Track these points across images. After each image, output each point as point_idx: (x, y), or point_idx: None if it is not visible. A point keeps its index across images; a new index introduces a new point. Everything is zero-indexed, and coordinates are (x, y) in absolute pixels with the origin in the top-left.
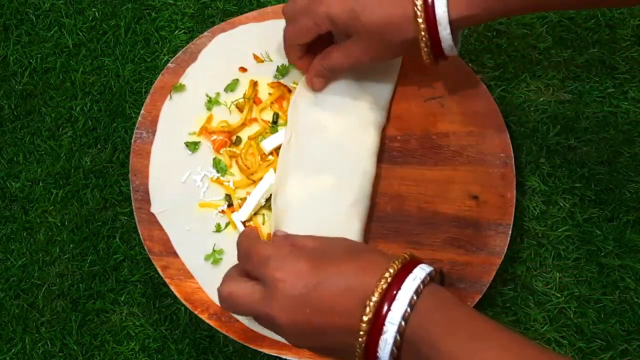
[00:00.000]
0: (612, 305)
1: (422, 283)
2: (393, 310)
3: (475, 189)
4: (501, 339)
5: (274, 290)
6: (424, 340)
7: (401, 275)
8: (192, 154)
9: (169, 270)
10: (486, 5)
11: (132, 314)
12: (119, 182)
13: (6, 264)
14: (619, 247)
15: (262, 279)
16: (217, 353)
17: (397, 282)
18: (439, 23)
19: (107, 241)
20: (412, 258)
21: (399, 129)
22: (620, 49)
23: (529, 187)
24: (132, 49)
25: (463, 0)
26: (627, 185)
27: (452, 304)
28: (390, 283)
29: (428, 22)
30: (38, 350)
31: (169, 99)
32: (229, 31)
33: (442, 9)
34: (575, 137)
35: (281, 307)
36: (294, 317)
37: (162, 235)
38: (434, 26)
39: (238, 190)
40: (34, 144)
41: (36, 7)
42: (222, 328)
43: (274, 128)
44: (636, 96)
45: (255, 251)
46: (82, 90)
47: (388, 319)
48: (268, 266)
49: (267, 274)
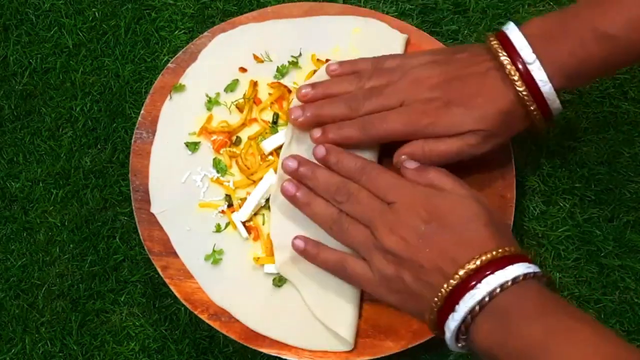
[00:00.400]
0: (612, 305)
1: (534, 272)
2: (496, 275)
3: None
4: (600, 330)
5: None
6: (516, 311)
7: (521, 257)
8: (192, 154)
9: (169, 271)
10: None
11: (132, 314)
12: (119, 182)
13: (6, 264)
14: (619, 247)
15: None
16: (217, 353)
17: (513, 259)
18: (547, 99)
19: (107, 241)
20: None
21: None
22: None
23: (529, 187)
24: (132, 49)
25: (562, 72)
26: (627, 185)
27: (556, 296)
28: (507, 257)
29: (537, 102)
30: (38, 350)
31: (169, 99)
32: (229, 31)
33: (547, 86)
34: (575, 137)
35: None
36: (404, 244)
37: (162, 235)
38: (544, 104)
39: (238, 190)
40: (34, 144)
41: (36, 7)
42: (222, 328)
43: (274, 128)
44: (636, 96)
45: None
46: (82, 91)
47: (485, 280)
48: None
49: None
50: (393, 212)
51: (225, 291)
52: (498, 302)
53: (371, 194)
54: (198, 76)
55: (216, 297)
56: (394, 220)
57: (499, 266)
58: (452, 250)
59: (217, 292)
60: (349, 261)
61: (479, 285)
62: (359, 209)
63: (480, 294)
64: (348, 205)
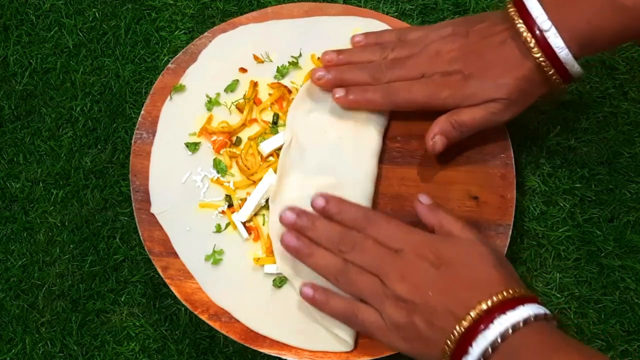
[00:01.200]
0: (612, 305)
1: (545, 313)
2: (507, 315)
3: (476, 190)
4: None
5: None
6: (528, 352)
7: (531, 298)
8: (192, 154)
9: (169, 271)
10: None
11: (132, 315)
12: (119, 182)
13: (6, 264)
14: (619, 247)
15: None
16: (217, 353)
17: (523, 300)
18: (565, 64)
19: (107, 241)
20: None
21: (400, 129)
22: (620, 49)
23: (529, 187)
24: (132, 49)
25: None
26: (627, 185)
27: (568, 336)
28: (517, 298)
29: (556, 68)
30: (38, 350)
31: (169, 100)
32: (229, 32)
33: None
34: (576, 137)
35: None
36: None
37: (162, 235)
38: (563, 69)
39: (238, 190)
40: (34, 144)
41: (36, 8)
42: (222, 328)
43: (274, 129)
44: (636, 96)
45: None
46: (82, 91)
47: (497, 320)
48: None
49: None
50: (401, 258)
51: (226, 291)
52: (510, 343)
53: (377, 242)
54: (198, 76)
55: (216, 297)
56: (403, 266)
57: (510, 307)
58: (463, 293)
59: (217, 293)
60: (360, 309)
61: (491, 326)
62: (366, 258)
63: (492, 335)
64: (353, 254)
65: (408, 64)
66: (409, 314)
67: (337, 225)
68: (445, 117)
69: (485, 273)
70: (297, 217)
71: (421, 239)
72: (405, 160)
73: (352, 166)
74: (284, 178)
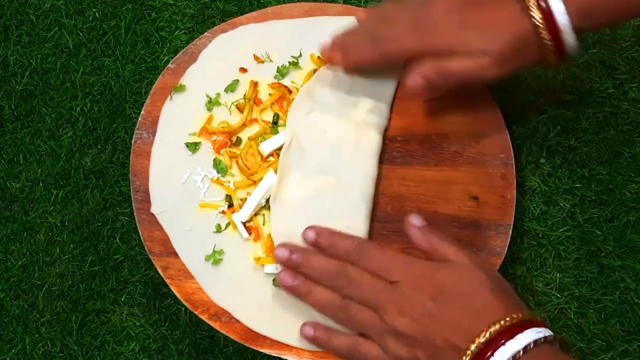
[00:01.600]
0: (612, 305)
1: (544, 337)
2: (507, 346)
3: (476, 190)
4: None
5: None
6: None
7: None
8: (192, 154)
9: (169, 271)
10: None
11: (133, 315)
12: (119, 182)
13: (6, 264)
14: (619, 247)
15: None
16: (217, 353)
17: (522, 326)
18: (562, 31)
19: (107, 241)
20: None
21: (400, 129)
22: (620, 49)
23: (529, 187)
24: (132, 49)
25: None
26: (627, 185)
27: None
28: (515, 325)
29: (551, 34)
30: (38, 350)
31: (169, 100)
32: (229, 32)
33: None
34: (576, 137)
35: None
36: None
37: (162, 235)
38: (559, 37)
39: (238, 190)
40: (34, 144)
41: (36, 8)
42: (222, 328)
43: (274, 129)
44: (636, 96)
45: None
46: (82, 91)
47: (498, 352)
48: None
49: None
50: (398, 291)
51: (226, 291)
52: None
53: (372, 274)
54: (198, 76)
55: (216, 297)
56: (400, 300)
57: (510, 335)
58: (462, 323)
59: (217, 293)
60: (362, 345)
61: (492, 359)
62: (362, 292)
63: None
64: (349, 289)
65: (402, 16)
66: (410, 348)
67: (331, 260)
68: (432, 61)
69: (483, 300)
70: (291, 254)
71: (416, 269)
72: (405, 161)
73: (352, 166)
74: (284, 178)
